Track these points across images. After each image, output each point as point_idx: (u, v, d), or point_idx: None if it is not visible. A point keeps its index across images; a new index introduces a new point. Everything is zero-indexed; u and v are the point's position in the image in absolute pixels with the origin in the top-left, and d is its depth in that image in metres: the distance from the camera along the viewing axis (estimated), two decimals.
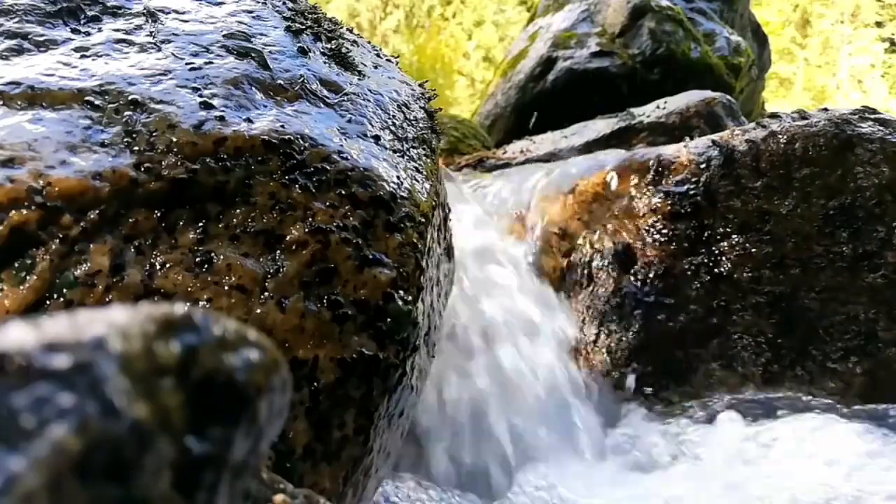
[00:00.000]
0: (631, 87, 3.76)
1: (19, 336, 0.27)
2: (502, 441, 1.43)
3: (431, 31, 11.06)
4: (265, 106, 0.96)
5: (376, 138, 1.06)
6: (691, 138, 2.15)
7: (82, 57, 0.91)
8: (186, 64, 0.96)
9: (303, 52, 1.11)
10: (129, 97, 0.86)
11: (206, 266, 0.79)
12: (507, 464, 1.42)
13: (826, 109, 1.93)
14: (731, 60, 4.11)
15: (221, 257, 0.81)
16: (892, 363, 1.69)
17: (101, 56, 0.92)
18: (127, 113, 0.84)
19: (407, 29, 11.19)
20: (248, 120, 0.91)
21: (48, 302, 0.71)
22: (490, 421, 1.45)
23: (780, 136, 1.86)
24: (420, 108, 1.26)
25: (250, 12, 1.14)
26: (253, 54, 1.03)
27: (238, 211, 0.85)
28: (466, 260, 1.75)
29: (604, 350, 1.95)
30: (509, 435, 1.46)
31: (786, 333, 1.78)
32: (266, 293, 0.81)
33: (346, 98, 1.09)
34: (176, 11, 1.07)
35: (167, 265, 0.78)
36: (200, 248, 0.80)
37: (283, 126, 0.93)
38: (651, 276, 1.92)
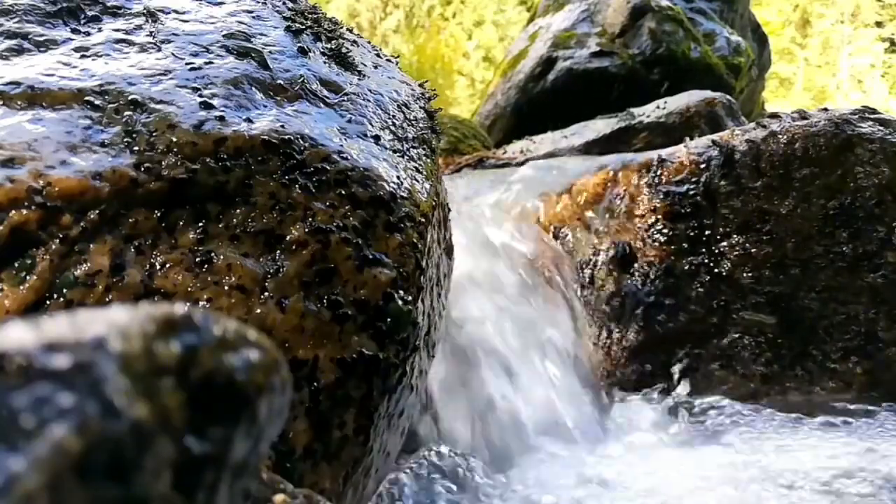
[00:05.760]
0: (631, 87, 3.76)
1: (19, 336, 0.27)
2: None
3: (431, 31, 11.07)
4: (265, 106, 0.96)
5: (376, 138, 1.06)
6: (691, 138, 2.15)
7: (82, 57, 0.91)
8: (186, 64, 0.96)
9: (303, 52, 1.11)
10: (129, 97, 0.86)
11: (206, 266, 0.79)
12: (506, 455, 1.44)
13: (826, 109, 1.93)
14: (731, 60, 4.11)
15: (221, 257, 0.81)
16: (892, 363, 1.69)
17: (101, 56, 0.92)
18: (127, 113, 0.84)
19: (407, 29, 11.19)
20: (248, 120, 0.91)
21: (48, 302, 0.71)
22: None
23: (780, 136, 1.86)
24: (420, 108, 1.26)
25: (250, 12, 1.14)
26: (253, 54, 1.03)
27: (238, 211, 0.85)
28: None
29: (604, 350, 1.95)
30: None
31: (786, 333, 1.78)
32: (266, 293, 0.81)
33: (346, 98, 1.09)
34: (176, 11, 1.07)
35: (167, 265, 0.78)
36: (200, 248, 0.80)
37: (283, 126, 0.93)
38: (651, 276, 1.92)
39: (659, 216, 1.95)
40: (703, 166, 1.93)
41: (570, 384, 1.74)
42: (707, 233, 1.88)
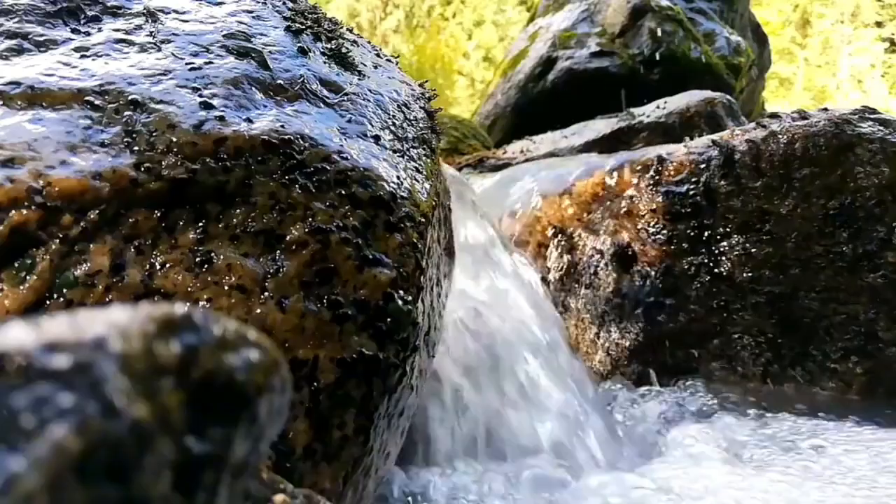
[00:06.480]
0: (631, 87, 3.76)
1: (19, 336, 0.27)
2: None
3: (431, 31, 11.08)
4: (265, 106, 0.96)
5: (376, 138, 1.06)
6: (691, 138, 2.15)
7: (82, 57, 0.91)
8: (186, 64, 0.96)
9: (303, 52, 1.11)
10: (129, 97, 0.86)
11: (206, 266, 0.79)
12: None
13: (826, 109, 1.93)
14: (731, 60, 4.11)
15: (221, 257, 0.81)
16: (892, 363, 1.69)
17: (101, 56, 0.92)
18: (127, 113, 0.84)
19: (407, 29, 11.20)
20: (248, 120, 0.91)
21: (48, 302, 0.71)
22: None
23: (780, 136, 1.86)
24: (420, 108, 1.26)
25: (250, 12, 1.14)
26: (253, 54, 1.03)
27: (238, 211, 0.85)
28: None
29: (604, 350, 1.95)
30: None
31: (786, 333, 1.78)
32: (266, 293, 0.81)
33: (346, 98, 1.09)
34: (176, 11, 1.07)
35: (167, 265, 0.78)
36: (200, 248, 0.80)
37: (283, 126, 0.93)
38: (651, 276, 1.92)
39: (659, 216, 1.95)
40: (703, 166, 1.93)
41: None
42: (707, 233, 1.88)
